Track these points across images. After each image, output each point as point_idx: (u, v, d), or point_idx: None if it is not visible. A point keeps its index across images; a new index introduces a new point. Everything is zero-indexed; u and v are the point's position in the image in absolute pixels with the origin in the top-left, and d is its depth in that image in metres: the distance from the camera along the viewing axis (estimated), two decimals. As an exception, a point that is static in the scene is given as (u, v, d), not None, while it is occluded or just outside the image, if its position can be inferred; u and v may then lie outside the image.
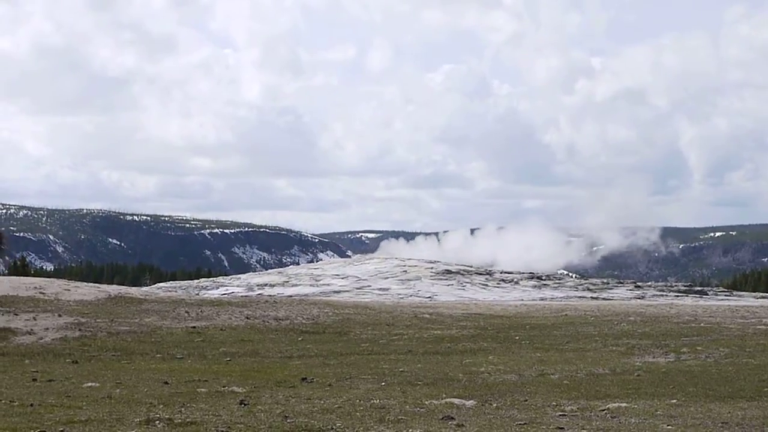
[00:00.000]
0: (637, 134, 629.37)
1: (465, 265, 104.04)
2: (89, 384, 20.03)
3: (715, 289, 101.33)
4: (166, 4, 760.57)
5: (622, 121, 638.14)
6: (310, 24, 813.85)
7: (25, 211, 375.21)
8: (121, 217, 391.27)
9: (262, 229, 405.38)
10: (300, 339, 34.67)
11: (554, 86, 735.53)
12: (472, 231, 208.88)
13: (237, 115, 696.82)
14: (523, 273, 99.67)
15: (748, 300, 77.90)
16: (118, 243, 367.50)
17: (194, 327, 36.73)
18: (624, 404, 17.02)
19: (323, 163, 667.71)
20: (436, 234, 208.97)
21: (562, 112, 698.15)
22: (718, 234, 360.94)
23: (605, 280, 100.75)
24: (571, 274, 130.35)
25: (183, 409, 15.99)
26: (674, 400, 18.00)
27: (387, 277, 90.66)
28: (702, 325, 40.42)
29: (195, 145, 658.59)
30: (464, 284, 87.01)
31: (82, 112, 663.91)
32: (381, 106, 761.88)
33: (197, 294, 75.13)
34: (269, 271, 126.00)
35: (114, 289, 51.05)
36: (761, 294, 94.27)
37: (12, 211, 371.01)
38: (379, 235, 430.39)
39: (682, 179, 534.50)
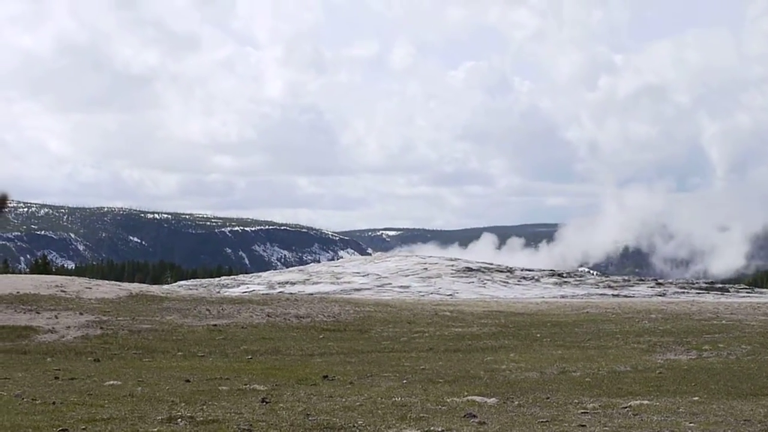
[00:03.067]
0: (659, 131, 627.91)
1: (485, 263, 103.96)
2: (111, 382, 20.08)
3: (736, 286, 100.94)
4: (189, 2, 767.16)
5: (644, 118, 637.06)
6: (332, 21, 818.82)
7: (46, 210, 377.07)
8: (142, 215, 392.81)
9: (282, 227, 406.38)
10: (321, 337, 34.69)
11: (576, 83, 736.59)
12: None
13: (259, 112, 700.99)
14: (544, 270, 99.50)
15: (770, 297, 77.58)
16: (139, 241, 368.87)
17: (215, 325, 36.79)
18: (646, 402, 16.96)
19: (345, 161, 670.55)
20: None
21: (583, 109, 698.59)
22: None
23: (626, 277, 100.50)
24: (592, 271, 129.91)
25: (205, 407, 16.01)
26: (696, 398, 17.94)
27: (408, 275, 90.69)
28: (723, 322, 40.26)
29: (217, 143, 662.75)
30: (485, 282, 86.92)
31: (104, 111, 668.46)
32: (403, 103, 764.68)
33: (218, 292, 75.24)
34: (290, 269, 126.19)
35: (135, 287, 51.20)
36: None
37: (33, 209, 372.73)
38: (399, 232, 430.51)
39: (704, 176, 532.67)
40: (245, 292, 79.22)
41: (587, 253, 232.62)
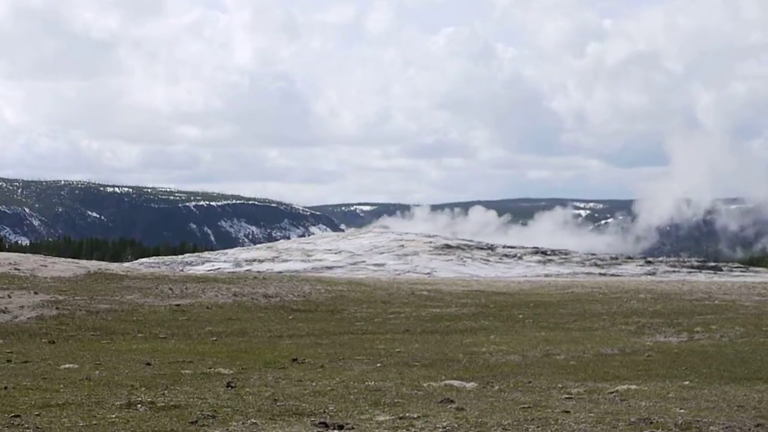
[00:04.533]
0: (651, 100, 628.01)
1: (465, 240, 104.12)
2: (67, 365, 20.01)
3: (729, 264, 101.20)
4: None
5: (635, 87, 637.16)
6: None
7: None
8: (102, 188, 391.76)
9: (250, 202, 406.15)
10: (290, 317, 34.69)
11: (563, 49, 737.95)
12: None
13: (227, 80, 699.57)
14: (527, 248, 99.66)
15: (765, 276, 77.94)
16: (98, 216, 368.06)
17: (178, 305, 36.74)
18: (634, 386, 17.02)
19: (317, 132, 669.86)
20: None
21: (570, 77, 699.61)
22: (733, 206, 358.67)
23: (614, 255, 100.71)
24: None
25: (166, 391, 15.98)
26: (687, 382, 18.01)
27: (383, 252, 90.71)
28: (716, 302, 40.45)
29: (182, 113, 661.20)
30: (464, 259, 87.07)
31: (62, 77, 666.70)
32: (379, 70, 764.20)
33: (182, 270, 75.12)
34: (258, 246, 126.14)
35: (93, 264, 51.03)
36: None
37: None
38: (374, 207, 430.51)
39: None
40: (210, 270, 79.16)
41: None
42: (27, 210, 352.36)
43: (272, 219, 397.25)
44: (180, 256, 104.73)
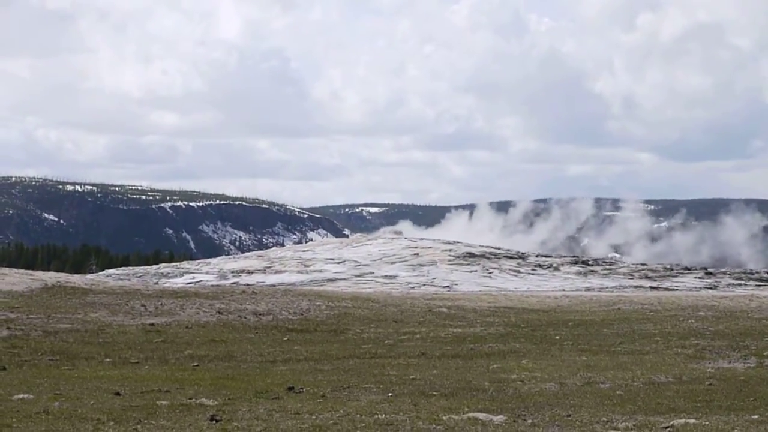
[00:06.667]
0: (714, 82, 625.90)
1: (492, 247, 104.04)
2: (21, 396, 20.04)
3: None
4: None
5: (695, 66, 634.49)
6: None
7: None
8: (60, 186, 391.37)
9: (237, 202, 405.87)
10: (285, 339, 34.74)
11: (609, 21, 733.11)
12: None
13: (209, 58, 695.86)
14: (564, 257, 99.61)
15: None
16: (56, 219, 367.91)
17: (152, 324, 36.80)
18: (692, 420, 17.01)
19: (317, 120, 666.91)
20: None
21: (618, 55, 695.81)
22: None
23: (668, 266, 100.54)
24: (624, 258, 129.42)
25: (139, 426, 16.02)
26: (756, 416, 17.98)
27: (394, 262, 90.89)
28: (790, 321, 40.45)
29: (156, 97, 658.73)
30: (491, 270, 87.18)
31: (14, 55, 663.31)
32: (391, 46, 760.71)
33: (156, 283, 75.26)
34: (246, 254, 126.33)
35: (51, 276, 51.12)
36: None
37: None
38: (384, 209, 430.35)
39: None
40: (190, 283, 79.31)
41: None
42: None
43: (263, 223, 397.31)
44: (154, 267, 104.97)
